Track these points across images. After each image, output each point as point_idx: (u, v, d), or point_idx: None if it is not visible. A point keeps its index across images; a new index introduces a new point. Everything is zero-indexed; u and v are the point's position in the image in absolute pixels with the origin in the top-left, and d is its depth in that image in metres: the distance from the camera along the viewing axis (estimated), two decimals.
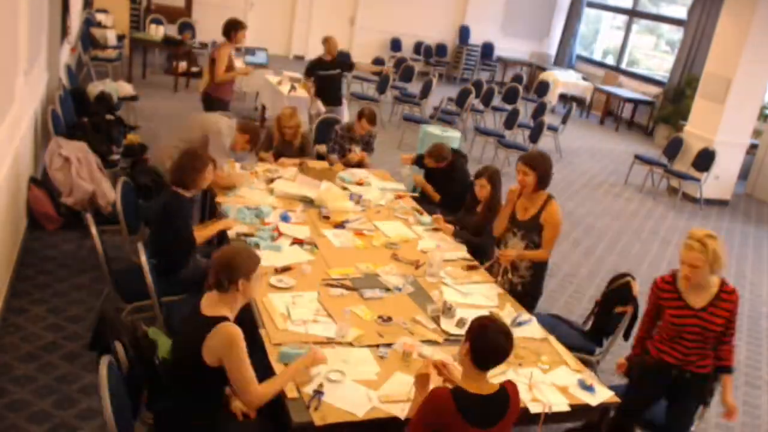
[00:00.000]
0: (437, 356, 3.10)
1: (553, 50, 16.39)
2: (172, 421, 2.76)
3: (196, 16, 12.96)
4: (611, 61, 15.51)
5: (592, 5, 15.87)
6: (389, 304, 3.58)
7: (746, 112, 9.22)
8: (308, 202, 4.79)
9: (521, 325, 3.59)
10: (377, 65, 12.09)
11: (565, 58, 15.88)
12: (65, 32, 7.37)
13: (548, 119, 10.11)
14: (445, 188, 5.62)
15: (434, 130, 7.77)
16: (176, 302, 3.76)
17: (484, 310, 3.66)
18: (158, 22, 11.25)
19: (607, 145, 12.25)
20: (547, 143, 10.59)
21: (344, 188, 5.18)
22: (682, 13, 13.45)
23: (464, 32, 15.53)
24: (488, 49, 15.76)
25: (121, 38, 10.94)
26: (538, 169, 3.93)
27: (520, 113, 10.14)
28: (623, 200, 9.13)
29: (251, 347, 2.98)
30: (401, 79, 11.80)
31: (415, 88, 11.59)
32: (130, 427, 2.61)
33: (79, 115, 6.63)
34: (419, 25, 15.20)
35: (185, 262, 3.96)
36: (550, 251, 4.06)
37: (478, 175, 4.87)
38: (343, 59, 8.51)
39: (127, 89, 8.03)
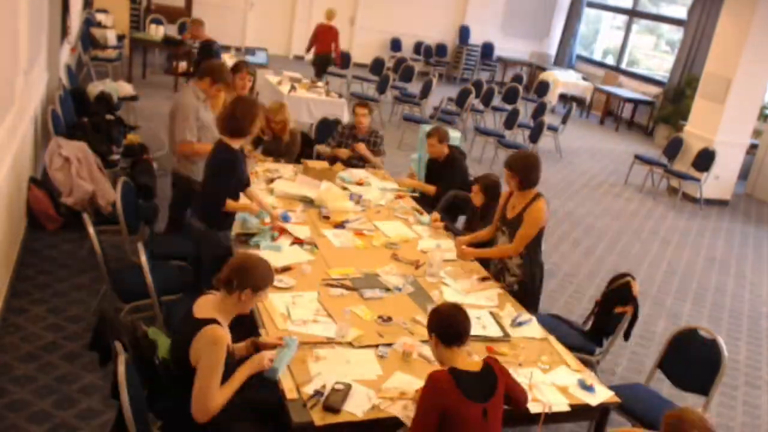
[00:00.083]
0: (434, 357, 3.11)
1: (553, 50, 16.39)
2: (175, 421, 2.76)
3: (196, 16, 12.94)
4: (611, 61, 15.51)
5: (592, 5, 15.87)
6: (389, 304, 3.58)
7: (746, 112, 9.22)
8: (308, 202, 4.80)
9: (521, 325, 3.60)
10: (377, 65, 12.12)
11: (565, 58, 15.89)
12: (65, 32, 7.37)
13: (548, 119, 10.11)
14: (443, 182, 5.55)
15: None
16: (176, 302, 3.77)
17: (484, 310, 3.67)
18: (158, 22, 11.25)
19: (607, 145, 12.25)
20: (547, 143, 10.60)
21: (344, 188, 5.18)
22: (682, 13, 13.45)
23: (464, 32, 15.53)
24: (488, 49, 15.76)
25: (121, 38, 10.95)
26: (517, 170, 3.97)
27: (520, 113, 10.15)
28: (623, 200, 9.13)
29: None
30: (401, 79, 11.80)
31: (415, 88, 11.59)
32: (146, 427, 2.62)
33: (79, 115, 6.64)
34: (419, 25, 15.20)
35: (225, 222, 3.99)
36: (519, 247, 4.00)
37: (475, 180, 4.91)
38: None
39: (127, 89, 8.04)
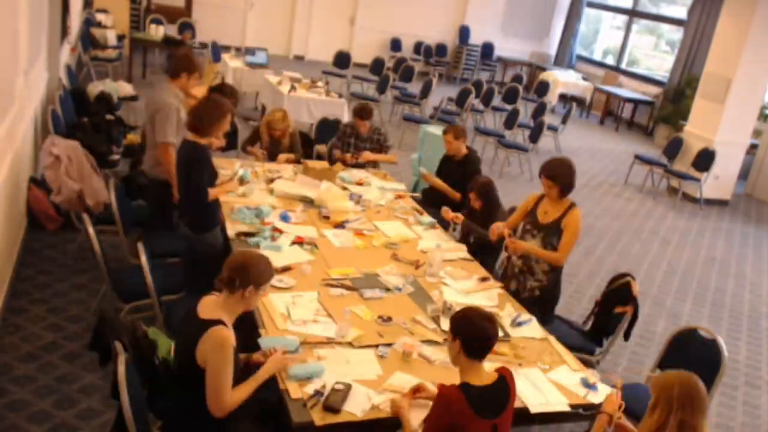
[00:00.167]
0: (434, 357, 3.11)
1: (553, 50, 16.39)
2: (175, 421, 2.76)
3: (196, 16, 12.97)
4: (611, 61, 15.51)
5: (592, 5, 15.87)
6: (389, 304, 3.58)
7: (746, 112, 9.22)
8: (308, 202, 4.79)
9: (521, 325, 3.60)
10: (377, 65, 12.12)
11: (565, 58, 15.89)
12: (65, 32, 7.37)
13: (548, 119, 10.11)
14: (459, 183, 5.46)
15: (434, 130, 7.75)
16: (176, 302, 3.77)
17: None
18: (158, 22, 11.24)
19: (607, 145, 12.25)
20: (547, 143, 10.60)
21: (344, 188, 5.17)
22: (682, 13, 13.45)
23: (464, 32, 15.53)
24: (488, 49, 15.75)
25: (121, 38, 10.94)
26: (559, 180, 3.92)
27: (520, 113, 10.14)
28: (623, 200, 9.13)
29: (251, 347, 2.99)
30: (401, 79, 11.79)
31: (415, 88, 11.58)
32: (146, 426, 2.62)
33: (79, 115, 6.63)
34: (419, 25, 15.20)
35: (212, 221, 4.01)
36: (565, 256, 4.01)
37: (469, 188, 4.92)
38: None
39: (127, 89, 8.03)
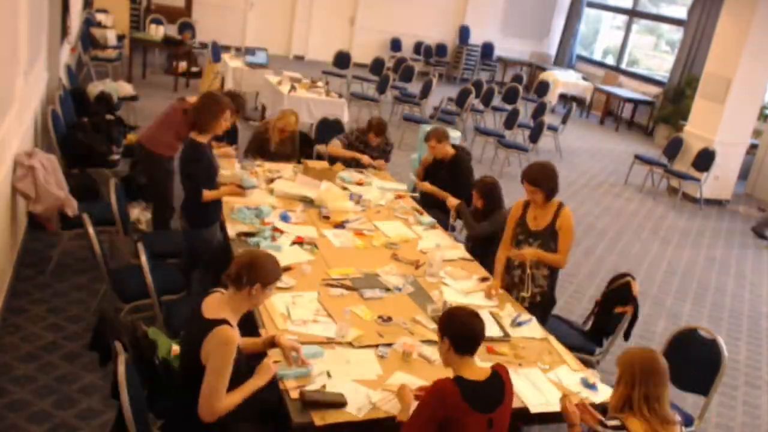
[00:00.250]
0: (434, 357, 3.11)
1: (553, 50, 16.39)
2: (175, 421, 2.76)
3: (196, 16, 12.96)
4: (611, 61, 15.51)
5: (592, 5, 15.87)
6: (389, 304, 3.58)
7: (746, 112, 9.22)
8: (308, 202, 4.80)
9: (521, 325, 3.60)
10: (377, 65, 12.12)
11: (565, 58, 15.88)
12: (65, 32, 7.37)
13: (548, 119, 10.10)
14: (451, 185, 5.46)
15: None
16: (176, 302, 3.77)
17: (484, 310, 3.66)
18: (158, 22, 11.24)
19: (607, 145, 12.25)
20: (547, 143, 10.60)
21: (344, 188, 5.18)
22: (682, 13, 13.45)
23: (464, 32, 15.52)
24: (488, 49, 15.75)
25: (121, 38, 10.94)
26: (540, 184, 3.91)
27: (520, 113, 10.14)
28: (623, 200, 9.13)
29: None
30: (401, 79, 11.79)
31: (415, 88, 11.58)
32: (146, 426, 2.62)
33: (79, 115, 6.63)
34: (419, 25, 15.20)
35: (210, 218, 4.09)
36: (566, 257, 4.02)
37: (473, 186, 4.95)
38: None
39: (127, 89, 8.03)
